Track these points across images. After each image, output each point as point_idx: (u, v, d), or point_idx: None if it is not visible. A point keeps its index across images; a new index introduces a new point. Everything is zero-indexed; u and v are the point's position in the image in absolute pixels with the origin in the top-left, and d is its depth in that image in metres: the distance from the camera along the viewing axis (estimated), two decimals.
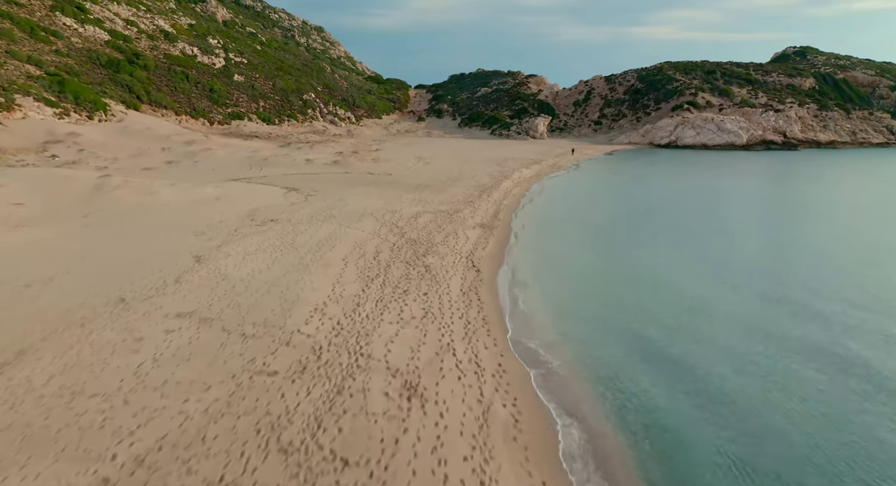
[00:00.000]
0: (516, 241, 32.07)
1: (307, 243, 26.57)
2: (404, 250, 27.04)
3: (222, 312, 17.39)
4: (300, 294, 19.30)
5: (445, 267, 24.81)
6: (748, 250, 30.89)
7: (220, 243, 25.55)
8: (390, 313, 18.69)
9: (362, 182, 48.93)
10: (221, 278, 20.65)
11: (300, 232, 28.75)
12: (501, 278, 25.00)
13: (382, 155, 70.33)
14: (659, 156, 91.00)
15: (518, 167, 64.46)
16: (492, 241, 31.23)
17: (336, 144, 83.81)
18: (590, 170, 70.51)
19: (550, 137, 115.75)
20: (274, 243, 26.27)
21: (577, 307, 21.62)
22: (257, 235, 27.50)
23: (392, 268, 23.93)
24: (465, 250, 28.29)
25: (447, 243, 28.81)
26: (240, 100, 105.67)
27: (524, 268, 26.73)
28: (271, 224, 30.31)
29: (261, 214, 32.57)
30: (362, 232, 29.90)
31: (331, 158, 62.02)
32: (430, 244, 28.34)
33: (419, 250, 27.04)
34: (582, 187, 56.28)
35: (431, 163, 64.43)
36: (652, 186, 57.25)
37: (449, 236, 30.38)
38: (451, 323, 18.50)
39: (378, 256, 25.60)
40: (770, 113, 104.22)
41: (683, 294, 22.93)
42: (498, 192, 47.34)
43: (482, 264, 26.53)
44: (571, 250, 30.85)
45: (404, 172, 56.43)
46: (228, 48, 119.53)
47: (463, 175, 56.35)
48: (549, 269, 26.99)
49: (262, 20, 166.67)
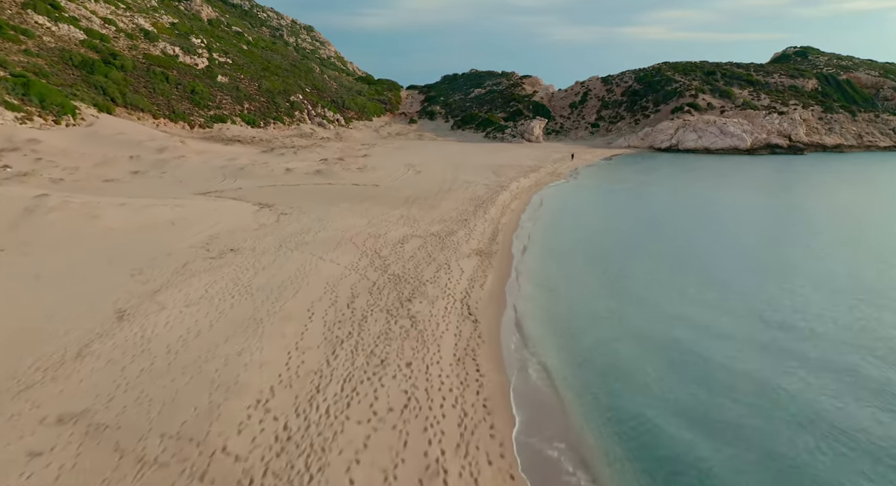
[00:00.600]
0: (519, 274, 27.16)
1: (267, 284, 21.58)
2: (386, 291, 22.09)
3: (124, 412, 12.42)
4: (240, 376, 14.31)
5: (436, 318, 19.88)
6: (800, 300, 26.06)
7: (157, 287, 20.54)
8: (360, 403, 13.73)
9: (345, 196, 43.93)
10: (142, 347, 15.64)
11: (262, 267, 23.76)
12: (505, 331, 20.06)
13: (370, 162, 65.30)
14: (660, 161, 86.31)
15: (515, 176, 59.56)
16: (490, 275, 26.33)
17: (322, 150, 78.73)
18: (590, 178, 65.67)
19: (546, 141, 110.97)
20: (226, 285, 21.27)
21: (598, 379, 16.72)
22: (208, 274, 22.50)
23: (369, 321, 18.99)
24: (460, 289, 23.36)
25: (438, 281, 23.87)
26: (223, 102, 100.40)
27: (530, 314, 21.82)
28: (230, 256, 25.32)
29: (220, 242, 27.55)
30: (338, 266, 24.94)
31: (314, 166, 56.95)
32: (418, 283, 23.39)
33: (404, 292, 22.10)
34: (583, 200, 51.37)
35: (422, 171, 59.47)
36: (658, 200, 52.45)
37: (440, 270, 25.45)
38: (441, 417, 13.56)
39: (353, 301, 20.65)
40: (774, 115, 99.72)
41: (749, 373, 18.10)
42: (495, 207, 42.43)
43: (480, 309, 21.62)
44: (582, 285, 26.00)
45: (393, 183, 51.44)
46: (212, 48, 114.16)
47: (456, 185, 51.45)
48: (560, 313, 22.12)
49: (250, 19, 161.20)
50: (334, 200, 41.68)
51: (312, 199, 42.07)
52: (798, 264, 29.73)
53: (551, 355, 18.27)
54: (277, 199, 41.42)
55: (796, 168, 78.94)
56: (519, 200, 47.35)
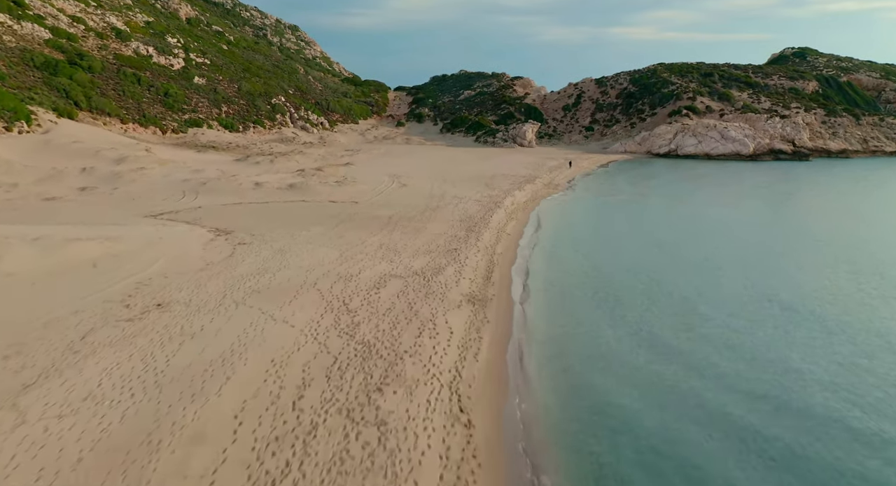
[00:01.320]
0: (522, 330, 21.56)
1: (189, 369, 15.81)
2: (350, 373, 16.40)
3: None
4: None
5: (415, 421, 14.18)
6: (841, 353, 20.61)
7: (32, 379, 14.71)
8: None
9: (319, 217, 38.13)
10: None
11: (190, 336, 18.01)
12: (509, 437, 14.46)
13: (352, 173, 59.46)
14: (659, 168, 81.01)
15: (509, 188, 53.94)
16: (487, 335, 20.69)
17: (302, 157, 72.80)
18: (588, 190, 60.05)
19: (539, 145, 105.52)
20: (131, 371, 15.48)
21: None
22: (114, 349, 16.73)
23: (319, 434, 13.29)
24: (448, 364, 17.69)
25: (420, 351, 18.20)
26: (199, 105, 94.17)
27: (542, 403, 16.27)
28: (154, 315, 19.54)
29: (148, 292, 21.75)
30: (292, 328, 19.23)
31: (288, 179, 51.05)
32: (394, 355, 17.72)
33: (374, 374, 16.42)
34: (583, 219, 45.59)
35: (408, 184, 53.71)
36: (665, 218, 47.01)
37: (423, 332, 19.77)
38: None
39: (302, 396, 14.93)
40: (776, 119, 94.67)
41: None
42: (489, 230, 36.76)
43: (475, 399, 15.98)
44: (600, 344, 20.44)
45: (374, 199, 45.69)
46: (190, 48, 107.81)
47: (445, 201, 45.78)
48: (579, 398, 16.58)
49: (232, 18, 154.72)
50: (305, 223, 35.89)
51: (280, 221, 36.25)
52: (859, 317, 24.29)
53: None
54: (239, 222, 35.57)
55: (809, 177, 73.76)
56: (515, 221, 41.70)
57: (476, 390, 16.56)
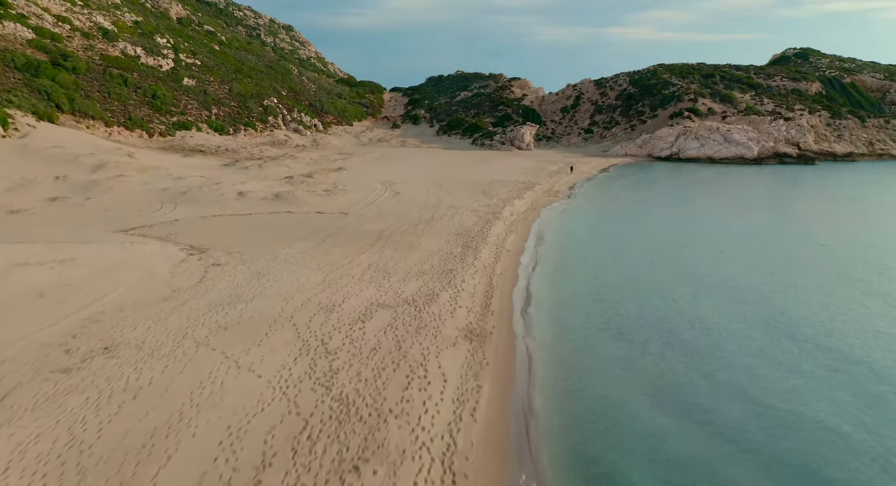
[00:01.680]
0: (526, 382, 18.62)
1: (121, 444, 12.80)
2: (320, 445, 13.43)
3: None
4: None
5: None
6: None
7: None
8: None
9: (305, 231, 35.17)
10: None
11: (134, 393, 15.02)
12: None
13: (343, 179, 56.52)
14: (661, 172, 78.19)
15: (508, 196, 51.02)
16: (486, 383, 17.75)
17: (292, 162, 69.80)
18: (591, 198, 57.08)
19: (537, 148, 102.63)
20: (45, 452, 12.44)
21: None
22: (31, 418, 13.70)
23: None
24: (440, 428, 14.76)
25: (407, 411, 15.25)
26: (188, 107, 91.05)
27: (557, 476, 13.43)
28: (97, 363, 16.58)
29: (96, 331, 18.79)
30: (258, 379, 16.29)
31: (274, 187, 48.07)
32: (376, 419, 14.76)
33: (350, 448, 13.43)
34: (587, 232, 42.33)
35: (402, 192, 50.78)
36: (672, 228, 44.20)
37: (412, 383, 16.83)
38: None
39: (259, 484, 12.06)
40: (780, 122, 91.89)
41: None
42: (487, 246, 33.83)
43: (472, 480, 13.14)
44: (614, 384, 17.61)
45: (365, 210, 42.75)
46: (179, 48, 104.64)
47: (441, 212, 42.86)
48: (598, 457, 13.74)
49: (225, 18, 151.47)
50: (289, 239, 32.93)
51: (262, 236, 33.28)
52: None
53: None
54: (217, 238, 32.58)
55: (817, 182, 70.90)
56: (515, 234, 38.74)
57: (474, 464, 13.64)
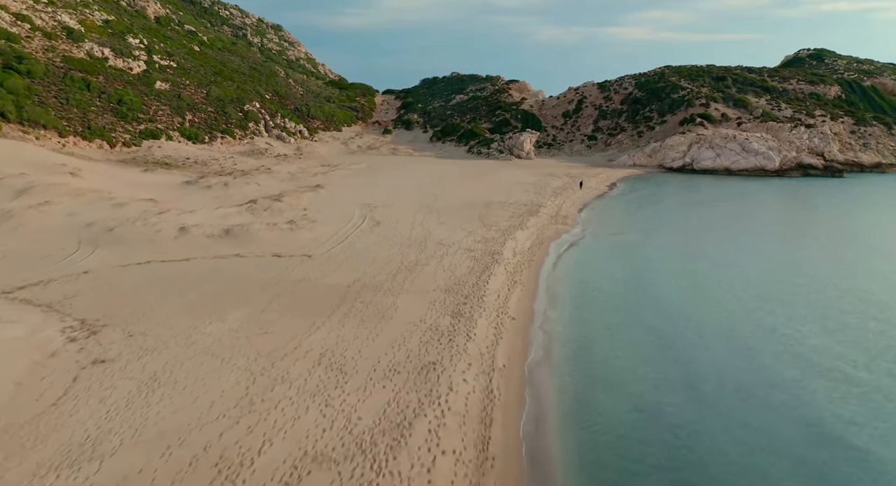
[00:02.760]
0: None
1: None
2: None
3: None
4: None
5: None
6: None
7: None
8: None
9: (248, 289, 26.56)
10: None
11: None
12: None
13: (317, 202, 47.88)
14: (677, 187, 69.69)
15: (509, 226, 42.42)
16: None
17: (266, 177, 61.13)
18: (604, 227, 48.13)
19: (538, 156, 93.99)
20: None
21: None
22: None
23: None
24: None
25: None
26: (159, 113, 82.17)
27: None
28: None
29: None
30: None
31: (231, 217, 39.44)
32: None
33: None
34: (610, 281, 33.67)
35: (383, 220, 42.14)
36: (716, 276, 35.68)
37: None
38: None
39: None
40: (801, 129, 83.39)
41: None
42: (484, 313, 25.21)
43: None
44: None
45: (334, 250, 34.12)
46: (154, 49, 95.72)
47: (427, 251, 34.31)
48: None
49: (210, 17, 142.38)
50: (224, 303, 24.35)
51: (190, 299, 24.67)
52: None
53: None
54: (126, 304, 23.95)
55: (855, 199, 62.34)
56: (521, 287, 30.04)
57: None
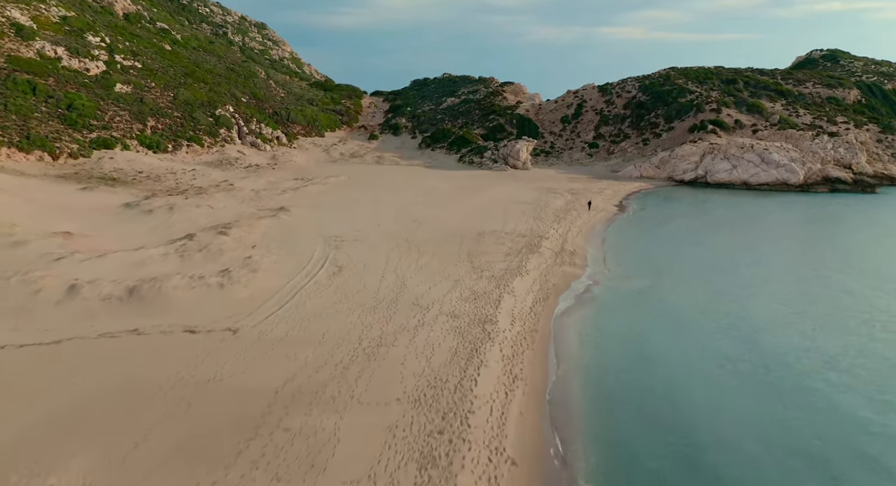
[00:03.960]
0: None
1: None
2: None
3: None
4: None
5: None
6: None
7: None
8: None
9: (115, 408, 17.32)
10: None
11: None
12: None
13: (273, 234, 38.72)
14: (695, 205, 60.84)
15: (505, 273, 33.26)
16: None
17: (224, 196, 51.94)
18: (622, 267, 39.18)
19: (535, 166, 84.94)
20: None
21: None
22: None
23: None
24: None
25: None
26: (116, 119, 72.65)
27: None
28: None
29: None
30: None
31: (146, 265, 30.23)
32: None
33: None
34: (646, 373, 25.00)
35: (348, 263, 33.01)
36: (783, 353, 26.75)
37: None
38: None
39: None
40: (824, 138, 74.63)
41: None
42: (470, 452, 16.31)
43: None
44: None
45: (272, 317, 24.98)
46: (117, 48, 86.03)
47: (396, 320, 25.27)
48: None
49: (188, 14, 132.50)
50: (70, 439, 15.21)
51: (15, 430, 15.56)
52: None
53: None
54: None
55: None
56: (523, 386, 21.06)
57: None
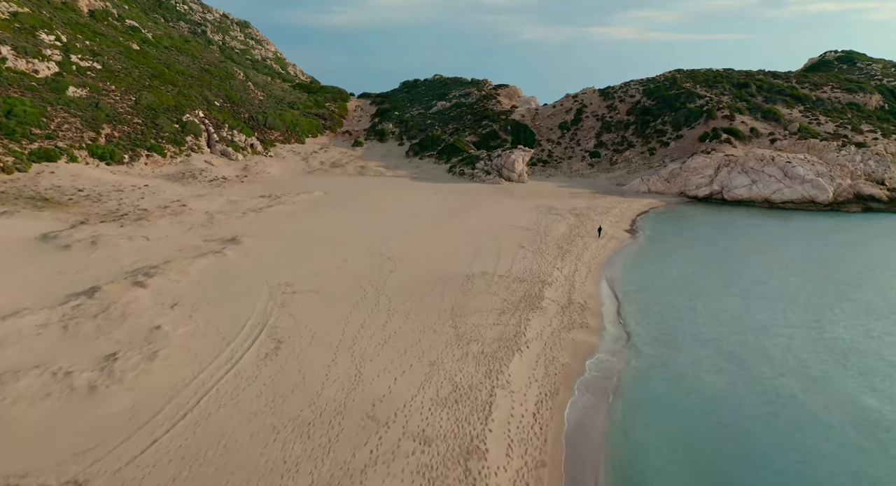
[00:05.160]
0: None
1: None
2: None
3: None
4: None
5: None
6: None
7: None
8: None
9: None
10: None
11: None
12: None
13: (206, 281, 30.12)
14: (718, 228, 52.43)
15: (499, 346, 24.84)
16: None
17: (169, 222, 43.28)
18: (649, 334, 30.68)
19: (532, 177, 76.44)
20: None
21: None
22: None
23: None
24: None
25: None
26: (65, 127, 63.71)
27: None
28: None
29: None
30: None
31: (17, 338, 21.70)
32: None
33: None
34: None
35: (289, 338, 24.44)
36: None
37: None
38: None
39: None
40: (851, 148, 66.36)
41: None
42: None
43: None
44: None
45: (147, 455, 16.52)
46: (74, 48, 77.02)
47: (344, 442, 16.85)
48: None
49: (164, 12, 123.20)
50: None
51: None
52: None
53: None
54: None
55: None
56: None
57: None
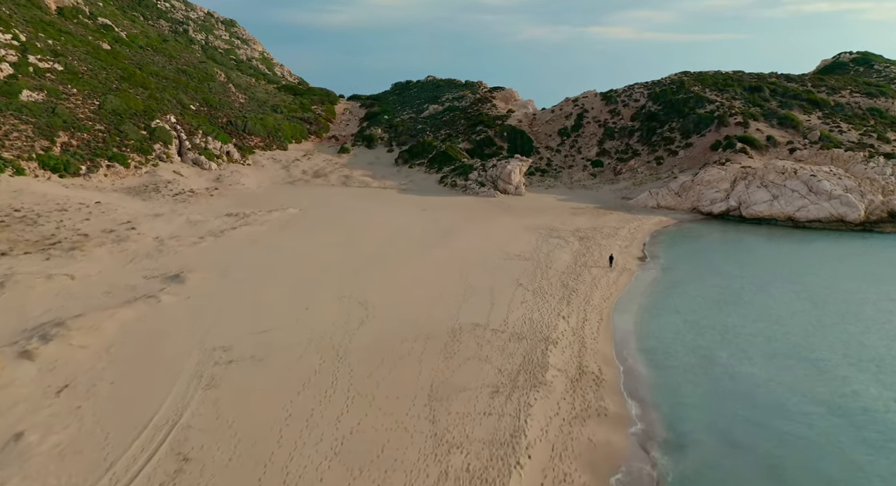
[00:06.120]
0: None
1: None
2: None
3: None
4: None
5: None
6: None
7: None
8: None
9: None
10: None
11: None
12: None
13: (122, 345, 23.36)
14: (741, 254, 45.95)
15: (491, 438, 18.00)
16: None
17: (110, 251, 36.53)
18: (683, 424, 23.58)
19: (529, 188, 69.78)
20: None
21: None
22: None
23: None
24: None
25: None
26: (13, 135, 56.70)
27: None
28: None
29: None
30: None
31: None
32: None
33: None
34: None
35: (206, 442, 17.67)
36: None
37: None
38: None
39: None
40: (880, 160, 59.89)
41: None
42: None
43: None
44: None
45: None
46: (33, 47, 69.95)
47: None
48: None
49: (144, 10, 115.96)
50: None
51: None
52: None
53: None
54: None
55: None
56: None
57: None
